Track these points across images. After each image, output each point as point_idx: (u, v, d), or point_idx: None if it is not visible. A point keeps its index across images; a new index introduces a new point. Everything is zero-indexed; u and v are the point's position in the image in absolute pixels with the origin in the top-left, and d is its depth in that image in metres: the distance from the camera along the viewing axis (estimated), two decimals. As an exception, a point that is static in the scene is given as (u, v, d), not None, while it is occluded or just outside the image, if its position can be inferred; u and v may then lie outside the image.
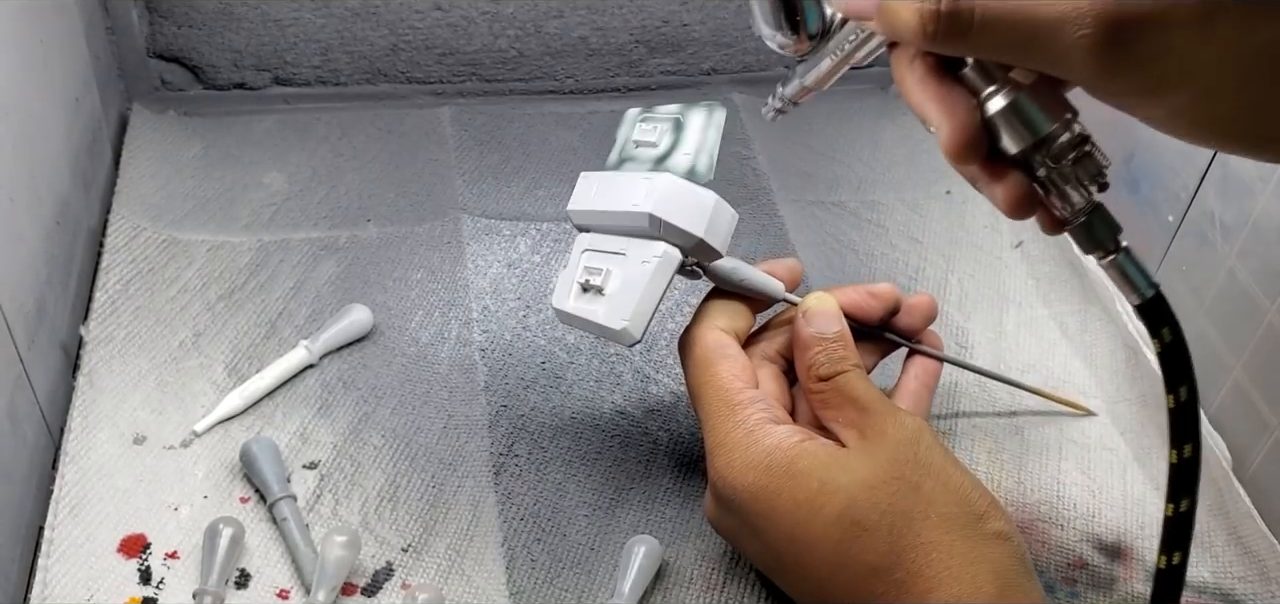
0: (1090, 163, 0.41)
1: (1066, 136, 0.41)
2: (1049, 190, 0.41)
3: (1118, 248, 0.41)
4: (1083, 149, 0.41)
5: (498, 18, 0.82)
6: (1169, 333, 0.41)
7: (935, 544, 0.43)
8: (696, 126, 0.53)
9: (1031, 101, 0.40)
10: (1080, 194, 0.41)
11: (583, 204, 0.54)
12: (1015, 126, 0.41)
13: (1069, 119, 0.41)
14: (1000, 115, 0.41)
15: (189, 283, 0.64)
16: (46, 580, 0.49)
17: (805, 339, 0.51)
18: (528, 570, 0.52)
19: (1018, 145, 0.41)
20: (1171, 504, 0.42)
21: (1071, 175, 0.41)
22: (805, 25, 0.46)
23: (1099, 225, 0.41)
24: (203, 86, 0.81)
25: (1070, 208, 0.41)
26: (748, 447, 0.47)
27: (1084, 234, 0.41)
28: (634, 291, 0.51)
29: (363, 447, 0.57)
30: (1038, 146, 0.41)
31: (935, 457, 0.46)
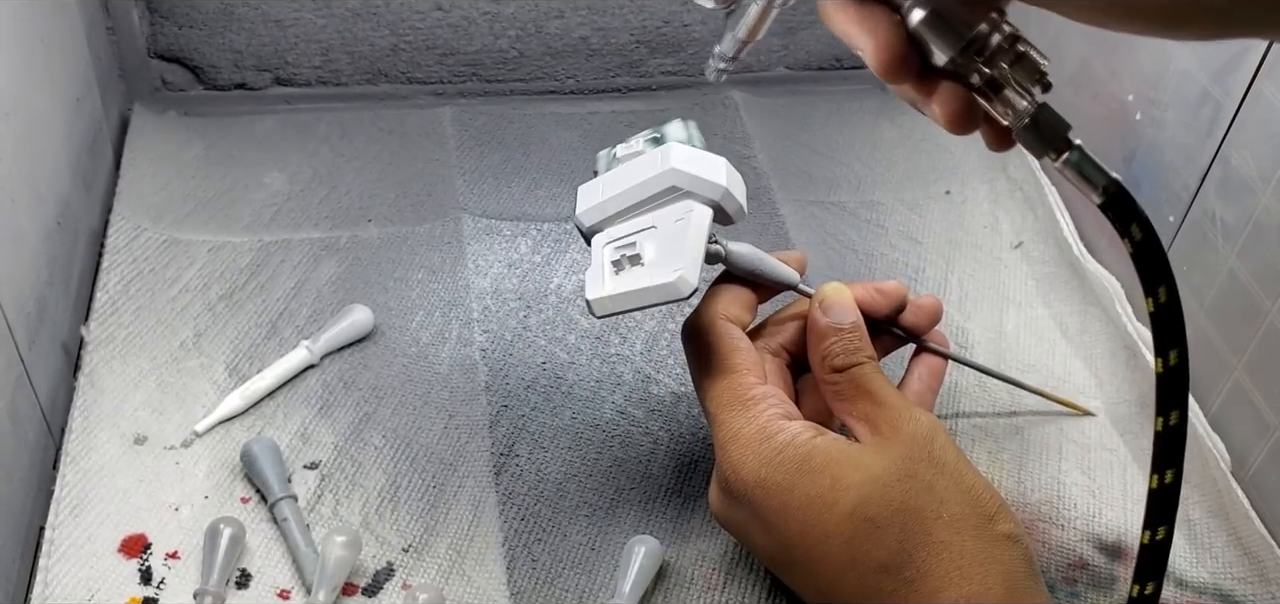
0: (1026, 63, 0.39)
1: (996, 37, 0.39)
2: (991, 99, 0.40)
3: (1069, 145, 0.39)
4: (1016, 49, 0.39)
5: (498, 18, 0.82)
6: (1139, 230, 0.39)
7: (946, 544, 0.43)
8: (677, 133, 0.53)
9: (951, 7, 0.39)
10: (1022, 96, 0.39)
11: (592, 203, 0.53)
12: (940, 34, 0.39)
13: (996, 18, 0.39)
14: (922, 25, 0.39)
15: (190, 283, 0.64)
16: (47, 580, 0.49)
17: (822, 329, 0.51)
18: (528, 570, 0.52)
19: (946, 53, 0.39)
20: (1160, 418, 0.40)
21: (1009, 78, 0.39)
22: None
23: (1046, 125, 0.39)
24: (203, 87, 0.82)
25: (1013, 111, 0.39)
26: (760, 442, 0.47)
27: (1031, 136, 0.39)
28: (678, 245, 0.49)
29: (363, 447, 0.57)
30: (966, 50, 0.39)
31: (949, 456, 0.46)
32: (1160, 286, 0.39)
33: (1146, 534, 0.41)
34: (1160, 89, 0.65)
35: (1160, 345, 0.39)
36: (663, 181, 0.50)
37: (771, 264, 0.53)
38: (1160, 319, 0.39)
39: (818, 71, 0.88)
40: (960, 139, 0.81)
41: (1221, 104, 0.60)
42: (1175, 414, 0.40)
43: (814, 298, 0.52)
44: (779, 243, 0.72)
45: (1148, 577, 0.41)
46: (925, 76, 0.40)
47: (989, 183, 0.78)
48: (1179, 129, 0.63)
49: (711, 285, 0.54)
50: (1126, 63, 0.68)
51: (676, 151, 0.51)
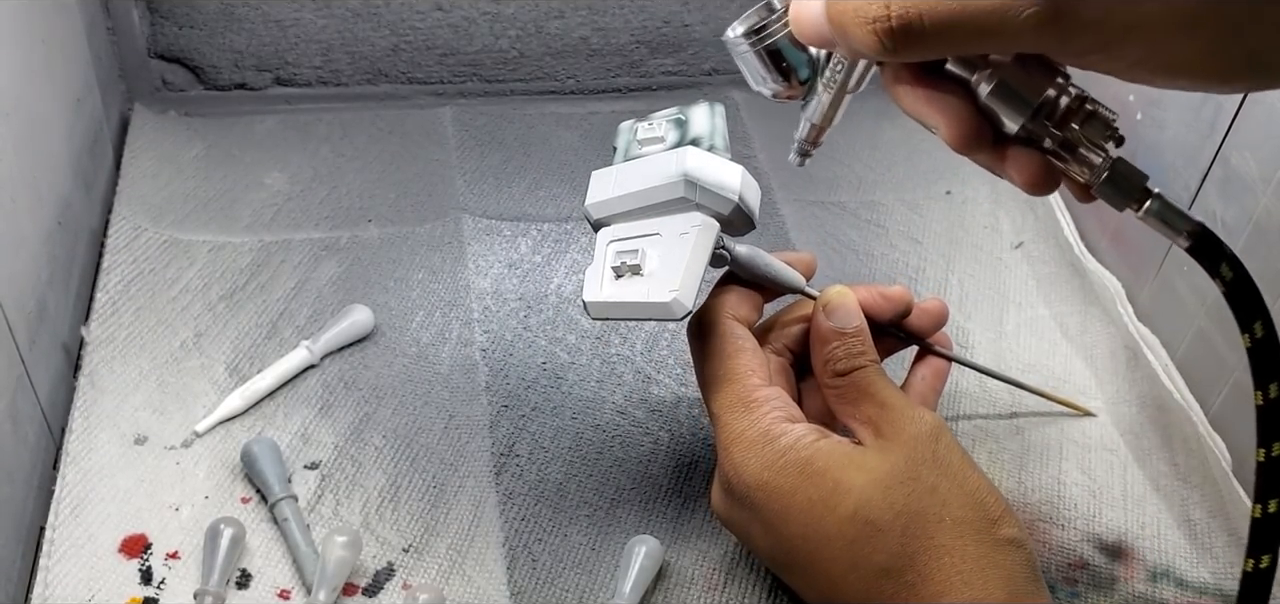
0: (1097, 121, 0.41)
1: (1063, 100, 0.41)
2: (1065, 159, 0.41)
3: (1150, 195, 0.41)
4: (1084, 109, 0.41)
5: (499, 18, 0.82)
6: (1229, 269, 0.40)
7: (947, 547, 0.43)
8: (701, 117, 0.53)
9: (1016, 77, 0.41)
10: (1095, 153, 0.41)
11: (602, 196, 0.52)
12: (1008, 104, 0.41)
13: (1061, 83, 0.41)
14: (991, 98, 0.41)
15: (190, 283, 0.64)
16: (48, 580, 0.49)
17: (825, 332, 0.51)
18: (529, 570, 0.52)
19: (1016, 121, 0.41)
20: (1262, 449, 0.41)
21: (1081, 138, 0.41)
22: (795, 71, 0.48)
23: (1123, 178, 0.41)
24: (204, 87, 0.82)
25: (1089, 168, 0.41)
26: (763, 445, 0.47)
27: (1111, 191, 0.41)
28: (678, 262, 0.49)
29: (364, 447, 0.57)
30: (1036, 117, 0.41)
31: (953, 457, 0.46)
32: (1256, 322, 0.40)
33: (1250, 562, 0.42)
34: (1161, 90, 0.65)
35: (1259, 379, 0.41)
36: (673, 191, 0.50)
37: (777, 267, 0.53)
38: (1258, 354, 0.40)
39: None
40: (961, 139, 0.81)
41: (1222, 105, 0.60)
42: (1277, 446, 0.41)
43: (818, 301, 0.52)
44: (779, 243, 0.72)
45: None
46: (999, 145, 0.42)
47: (989, 183, 0.78)
48: (1180, 130, 0.63)
49: (718, 283, 0.54)
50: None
51: (691, 158, 0.50)
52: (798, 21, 0.43)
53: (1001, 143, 0.42)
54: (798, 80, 0.48)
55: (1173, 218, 0.41)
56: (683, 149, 0.51)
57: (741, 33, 0.47)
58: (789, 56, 0.47)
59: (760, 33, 0.47)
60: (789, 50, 0.47)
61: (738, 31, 0.47)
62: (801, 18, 0.43)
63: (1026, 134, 0.41)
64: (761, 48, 0.47)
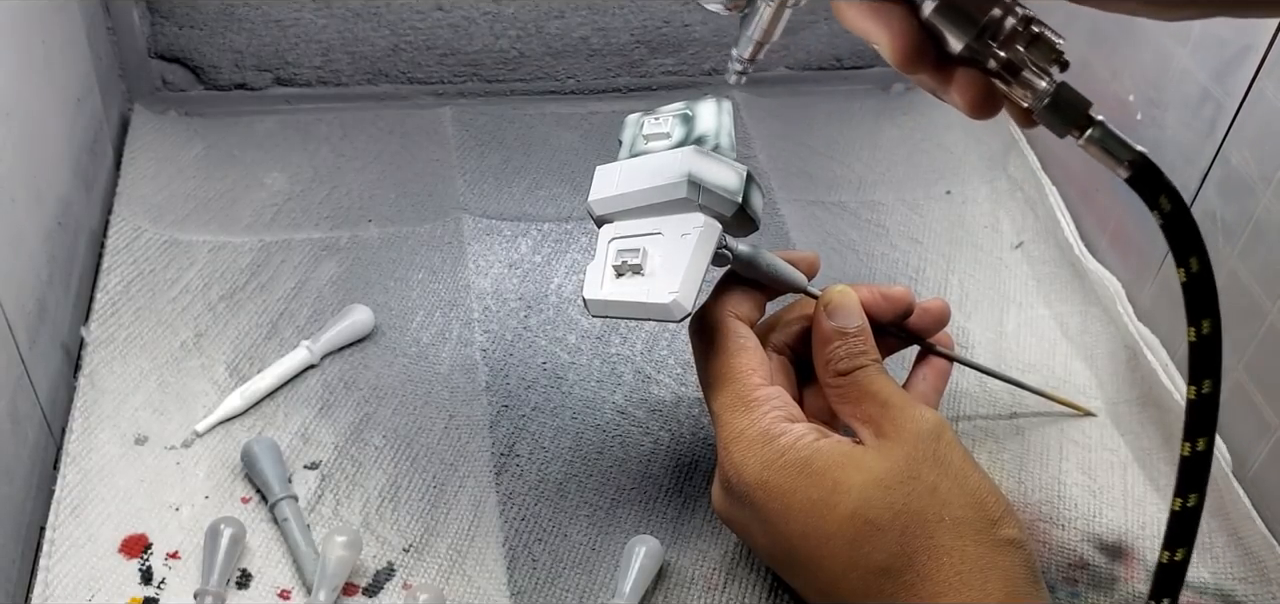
0: (1042, 44, 0.39)
1: (1009, 21, 0.39)
2: (1010, 82, 0.40)
3: (1092, 122, 0.40)
4: (1030, 31, 0.39)
5: (499, 18, 0.82)
6: (1167, 201, 0.39)
7: (947, 548, 0.43)
8: (708, 113, 0.52)
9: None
10: (1040, 77, 0.39)
11: (605, 192, 0.52)
12: (953, 22, 0.39)
13: (1008, 3, 0.39)
14: (936, 14, 0.39)
15: (190, 283, 0.64)
16: (48, 580, 0.49)
17: (826, 332, 0.51)
18: (529, 570, 0.52)
19: (961, 40, 0.39)
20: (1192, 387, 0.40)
21: (1026, 60, 0.39)
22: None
23: (1066, 103, 0.40)
24: (204, 87, 0.82)
25: (1033, 93, 0.40)
26: (763, 444, 0.47)
27: (1052, 115, 0.40)
28: (678, 263, 0.48)
29: (364, 447, 0.57)
30: (981, 36, 0.39)
31: (954, 456, 0.46)
32: (1192, 257, 0.39)
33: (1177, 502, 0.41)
34: (1161, 89, 0.65)
35: (1193, 315, 0.39)
36: (676, 191, 0.49)
37: (779, 266, 0.53)
38: (1193, 289, 0.39)
39: (818, 71, 0.88)
40: (961, 139, 0.81)
41: (1222, 104, 0.60)
42: (1208, 384, 0.40)
43: (819, 301, 0.52)
44: (780, 243, 0.72)
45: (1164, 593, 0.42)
46: (942, 65, 0.41)
47: (989, 183, 0.78)
48: (1180, 129, 0.63)
49: (720, 282, 0.53)
50: (1127, 62, 0.68)
51: (695, 159, 0.50)
52: None
53: (945, 63, 0.41)
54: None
55: (1114, 146, 0.39)
56: (686, 149, 0.50)
57: None
58: None
59: None
60: None
61: None
62: None
63: (970, 54, 0.40)
64: None
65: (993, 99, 0.41)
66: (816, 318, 0.51)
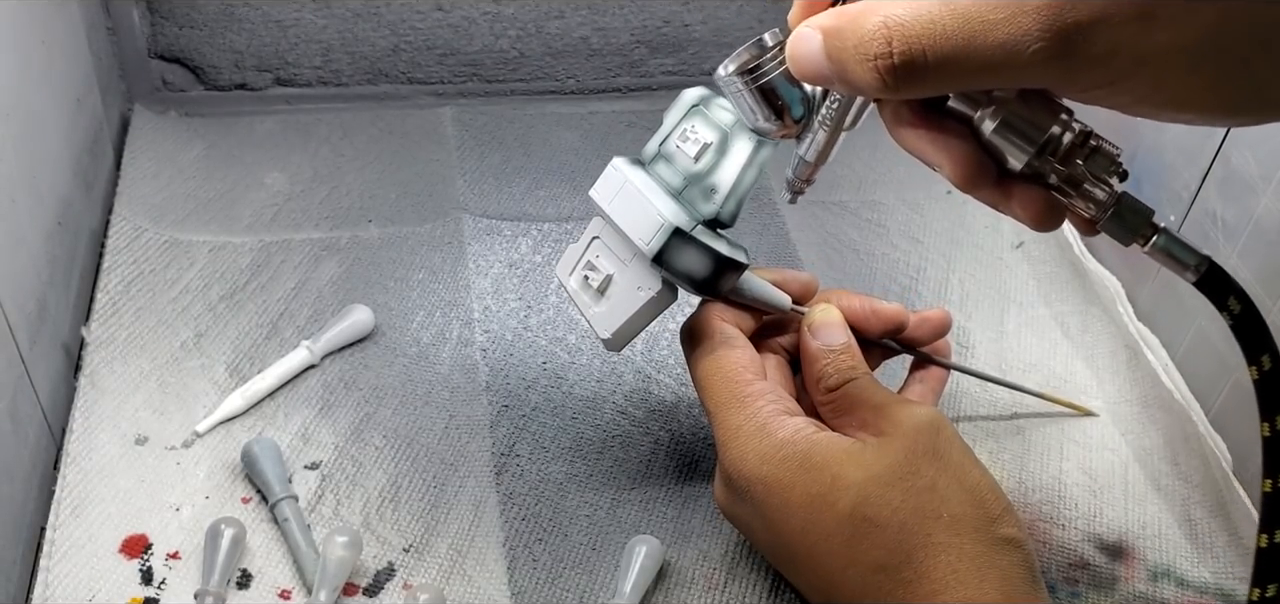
0: (1101, 156, 0.41)
1: (1067, 137, 0.40)
2: (1070, 194, 0.41)
3: (1156, 230, 0.41)
4: (1089, 145, 0.41)
5: (499, 18, 0.82)
6: (1236, 302, 0.40)
7: (944, 545, 0.43)
8: (738, 160, 0.50)
9: (1020, 114, 0.40)
10: (1100, 189, 0.41)
11: (602, 199, 0.52)
12: (1012, 142, 0.41)
13: (1066, 119, 0.41)
14: (995, 135, 0.41)
15: (190, 283, 0.64)
16: (48, 581, 0.49)
17: (812, 352, 0.51)
18: (529, 570, 0.52)
19: (1021, 159, 0.41)
20: (1268, 480, 0.41)
21: (1085, 174, 0.41)
22: (789, 110, 0.47)
23: (1129, 214, 0.41)
24: (204, 87, 0.82)
25: (1095, 204, 0.41)
26: (761, 439, 0.47)
27: (1117, 226, 0.41)
28: (624, 311, 0.51)
29: (364, 447, 0.57)
30: (1041, 154, 0.41)
31: (953, 451, 0.46)
32: (1263, 355, 0.40)
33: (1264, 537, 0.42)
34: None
35: (1265, 410, 0.41)
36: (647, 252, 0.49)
37: (762, 291, 0.52)
38: (1265, 387, 0.40)
39: (818, 71, 0.88)
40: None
41: (1222, 104, 0.60)
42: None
43: (803, 323, 0.52)
44: (779, 243, 0.72)
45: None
46: (1003, 182, 0.42)
47: (990, 183, 0.78)
48: (1180, 130, 0.63)
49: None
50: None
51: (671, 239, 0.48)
52: (795, 59, 0.42)
53: (1005, 179, 0.42)
54: (792, 118, 0.47)
55: (1180, 251, 0.41)
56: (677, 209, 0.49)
57: (733, 70, 0.46)
58: (784, 94, 0.46)
59: (754, 71, 0.46)
60: (784, 88, 0.46)
61: (730, 69, 0.46)
62: (799, 55, 0.42)
63: (1031, 171, 0.41)
64: (755, 86, 0.46)
65: (1056, 212, 0.42)
66: (802, 339, 0.52)
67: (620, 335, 0.51)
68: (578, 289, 0.53)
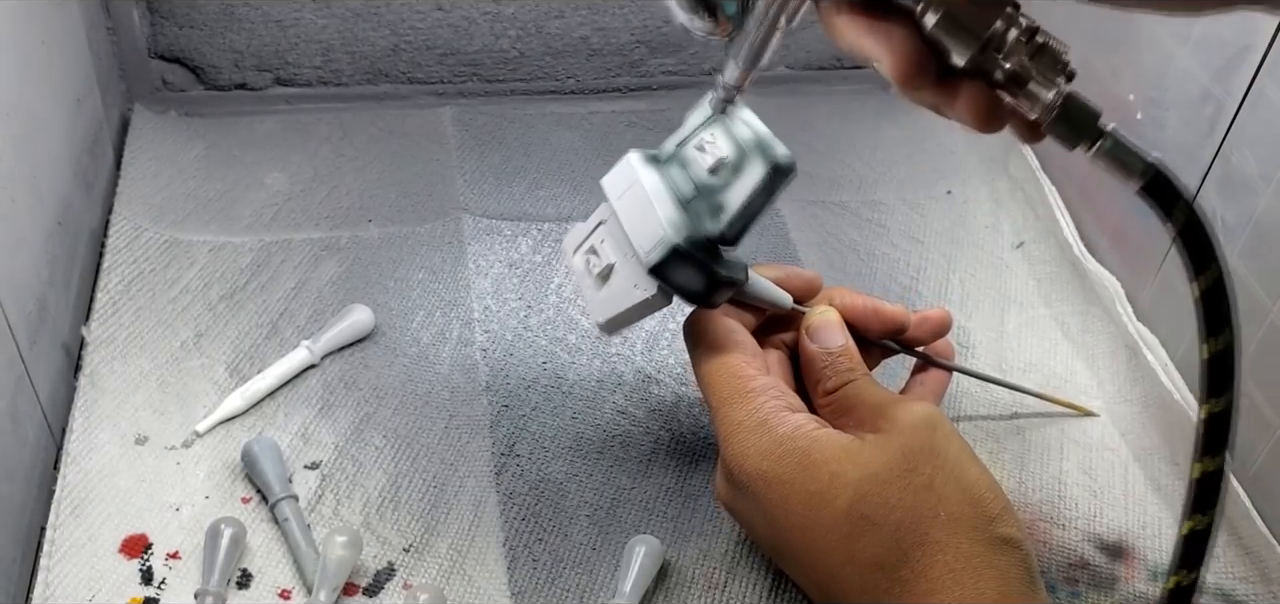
0: (1047, 54, 0.39)
1: (1013, 31, 0.38)
2: (1016, 94, 0.39)
3: (1102, 133, 0.39)
4: (1034, 41, 0.38)
5: (499, 18, 0.82)
6: (1182, 212, 0.38)
7: (942, 544, 0.43)
8: (750, 183, 0.49)
9: (964, 5, 0.38)
10: (1047, 87, 0.38)
11: (611, 192, 0.51)
12: (956, 35, 0.38)
13: (1011, 13, 0.38)
14: (938, 28, 0.38)
15: (190, 283, 0.64)
16: (48, 581, 0.49)
17: (810, 355, 0.51)
18: (529, 570, 0.52)
19: (965, 53, 0.38)
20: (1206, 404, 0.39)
21: (1032, 71, 0.38)
22: (722, 7, 0.44)
23: (1076, 114, 0.39)
24: (204, 87, 0.82)
25: (1041, 105, 0.39)
26: (762, 435, 0.47)
27: (1062, 127, 0.39)
28: (619, 303, 0.51)
29: (364, 447, 0.57)
30: (985, 48, 0.38)
31: (952, 448, 0.45)
32: (1208, 268, 0.38)
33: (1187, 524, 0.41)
34: (1161, 88, 0.65)
35: (1211, 327, 0.39)
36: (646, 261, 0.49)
37: (764, 288, 0.52)
38: (1209, 301, 0.38)
39: (819, 71, 0.88)
40: (962, 139, 0.81)
41: (1222, 103, 0.60)
42: (1222, 401, 0.39)
43: (801, 325, 0.52)
44: (780, 243, 0.72)
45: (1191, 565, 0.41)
46: (946, 80, 0.40)
47: (990, 183, 0.78)
48: (1180, 128, 0.63)
49: None
50: (1128, 62, 0.68)
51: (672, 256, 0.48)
52: None
53: (948, 78, 0.40)
54: (725, 16, 0.45)
55: (1126, 157, 0.39)
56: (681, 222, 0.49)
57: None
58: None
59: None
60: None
61: None
62: None
63: (974, 68, 0.39)
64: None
65: (999, 112, 0.40)
66: (801, 341, 0.52)
67: (614, 324, 0.52)
68: (580, 270, 0.52)
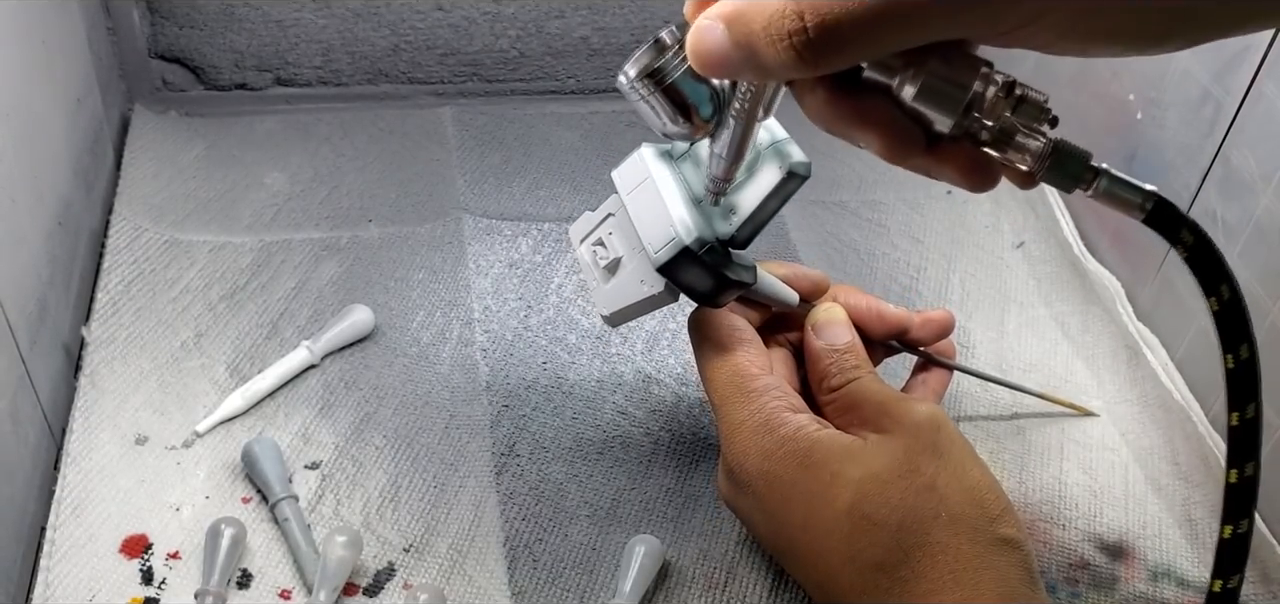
0: (1028, 105, 0.39)
1: (991, 90, 0.39)
2: (1004, 150, 0.39)
3: (1098, 173, 0.39)
4: (1014, 95, 0.39)
5: (499, 18, 0.82)
6: (1189, 234, 0.39)
7: (942, 545, 0.43)
8: (763, 186, 0.49)
9: (940, 73, 0.38)
10: (1033, 138, 0.39)
11: (622, 187, 0.51)
12: (937, 103, 0.39)
13: (986, 73, 0.39)
14: (918, 100, 0.38)
15: (191, 283, 0.64)
16: (49, 581, 0.49)
17: (815, 351, 0.51)
18: (529, 570, 0.52)
19: (949, 120, 0.39)
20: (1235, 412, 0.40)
21: (1016, 125, 0.39)
22: (697, 109, 0.44)
23: (1067, 160, 0.39)
24: (204, 87, 0.82)
25: (1030, 156, 0.39)
26: (764, 435, 0.47)
27: (1057, 175, 0.39)
28: (625, 297, 0.51)
29: (364, 447, 0.57)
30: (967, 112, 0.39)
31: (954, 448, 0.45)
32: (1221, 285, 0.39)
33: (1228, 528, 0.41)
34: (1161, 88, 0.65)
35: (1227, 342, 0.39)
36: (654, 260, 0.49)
37: (771, 286, 0.52)
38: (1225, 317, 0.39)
39: (818, 71, 0.88)
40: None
41: (1222, 103, 0.60)
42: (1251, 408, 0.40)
43: (807, 321, 0.52)
44: (780, 243, 0.72)
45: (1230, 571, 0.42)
46: (933, 147, 0.40)
47: (990, 182, 0.78)
48: (1180, 129, 0.63)
49: None
50: (1127, 63, 0.68)
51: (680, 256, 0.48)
52: (698, 53, 0.39)
53: (935, 144, 0.40)
54: (701, 118, 0.45)
55: (1125, 191, 0.39)
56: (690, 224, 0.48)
57: (634, 76, 0.44)
58: (690, 93, 0.44)
59: (656, 74, 0.43)
60: (690, 86, 0.44)
61: (630, 75, 0.44)
62: (703, 49, 0.38)
63: (959, 132, 0.39)
64: (660, 90, 0.44)
65: (989, 170, 0.40)
66: (806, 337, 0.52)
67: (618, 317, 0.52)
68: (587, 260, 0.53)
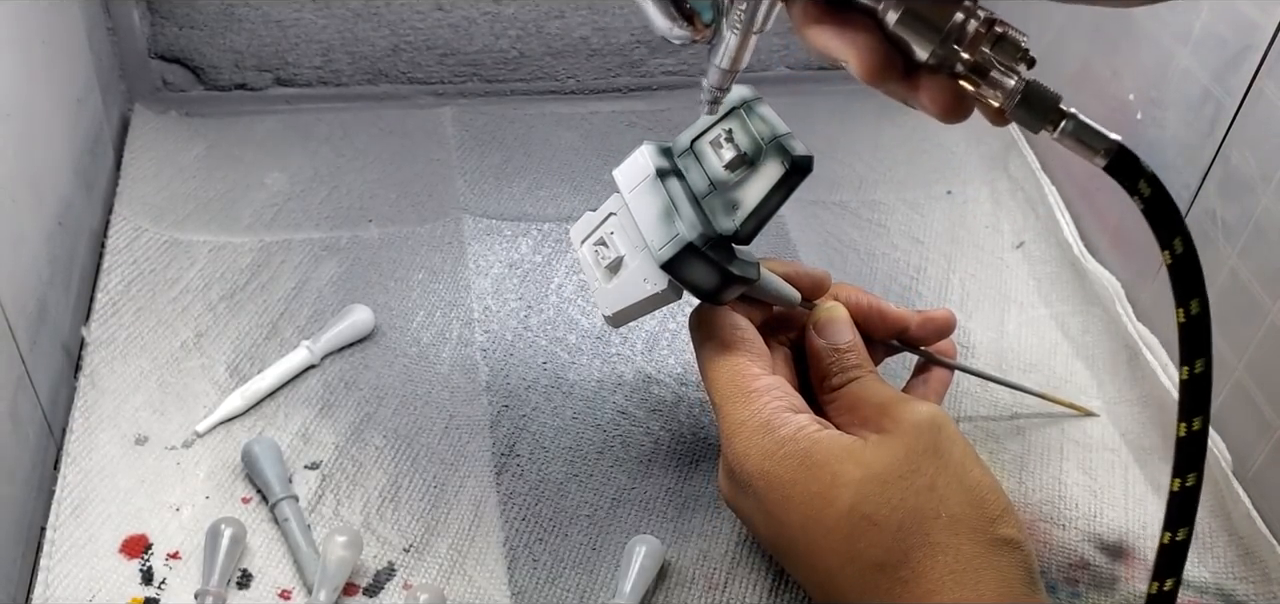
0: (1007, 43, 0.40)
1: (972, 23, 0.40)
2: (978, 83, 0.40)
3: (1063, 114, 0.40)
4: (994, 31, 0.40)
5: (499, 18, 0.82)
6: (1147, 185, 0.39)
7: (942, 545, 0.43)
8: (765, 180, 0.50)
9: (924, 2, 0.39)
10: (1008, 75, 0.40)
11: (623, 185, 0.52)
12: (918, 30, 0.40)
13: (970, 6, 0.40)
14: (900, 25, 0.40)
15: (191, 283, 0.64)
16: (48, 581, 0.49)
17: (817, 350, 0.51)
18: (529, 570, 0.52)
19: (927, 48, 0.40)
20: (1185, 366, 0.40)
21: (993, 61, 0.40)
22: (699, 15, 0.46)
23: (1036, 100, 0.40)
24: (204, 87, 0.82)
25: (1003, 92, 0.40)
26: (764, 435, 0.47)
27: (1024, 112, 0.40)
28: (628, 296, 0.51)
29: (364, 447, 0.57)
30: (946, 41, 0.40)
31: (954, 449, 0.45)
32: (1175, 239, 0.39)
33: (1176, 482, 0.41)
34: (1161, 88, 0.65)
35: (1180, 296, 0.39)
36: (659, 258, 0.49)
37: (773, 285, 0.52)
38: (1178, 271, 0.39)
39: (818, 71, 0.88)
40: (962, 139, 0.81)
41: (1222, 103, 0.60)
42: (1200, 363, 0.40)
43: (809, 320, 0.52)
44: (779, 243, 0.72)
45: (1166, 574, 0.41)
46: (910, 75, 0.41)
47: (990, 183, 0.78)
48: (1180, 128, 0.63)
49: None
50: (1128, 62, 0.68)
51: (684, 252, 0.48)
52: None
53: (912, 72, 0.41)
54: (702, 23, 0.46)
55: (1089, 137, 0.40)
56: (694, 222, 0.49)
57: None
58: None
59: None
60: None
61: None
62: None
63: (937, 61, 0.40)
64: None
65: (963, 102, 0.41)
66: (808, 336, 0.52)
67: (621, 317, 0.51)
68: (589, 261, 0.53)
